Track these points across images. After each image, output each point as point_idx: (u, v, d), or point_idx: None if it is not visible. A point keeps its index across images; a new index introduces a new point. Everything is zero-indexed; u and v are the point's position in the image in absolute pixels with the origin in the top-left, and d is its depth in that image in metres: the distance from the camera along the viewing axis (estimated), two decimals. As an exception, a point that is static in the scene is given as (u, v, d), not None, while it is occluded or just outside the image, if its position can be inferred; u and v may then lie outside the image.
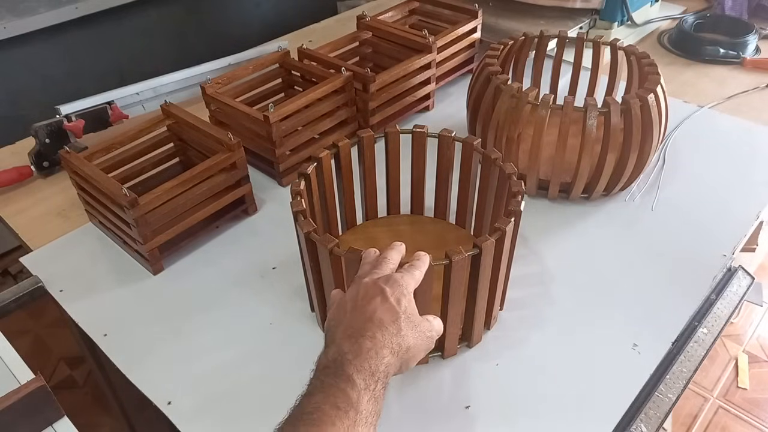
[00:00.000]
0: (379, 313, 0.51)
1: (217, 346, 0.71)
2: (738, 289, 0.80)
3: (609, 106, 0.80)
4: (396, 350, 0.50)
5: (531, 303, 0.75)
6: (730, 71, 1.22)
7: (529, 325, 0.72)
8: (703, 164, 0.96)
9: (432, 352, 0.68)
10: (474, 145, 0.73)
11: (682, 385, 0.68)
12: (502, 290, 0.71)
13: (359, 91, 0.99)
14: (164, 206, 0.77)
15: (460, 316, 0.65)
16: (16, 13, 1.58)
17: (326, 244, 0.60)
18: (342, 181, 0.77)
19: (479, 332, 0.69)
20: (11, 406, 0.57)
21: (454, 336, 0.67)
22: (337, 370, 0.47)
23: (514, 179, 0.66)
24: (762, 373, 1.64)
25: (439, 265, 0.58)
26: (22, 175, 0.98)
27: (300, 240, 0.65)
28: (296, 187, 0.67)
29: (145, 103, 1.09)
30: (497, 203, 0.72)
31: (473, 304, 0.64)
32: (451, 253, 0.58)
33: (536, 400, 0.64)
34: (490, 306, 0.68)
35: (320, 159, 0.72)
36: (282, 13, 2.22)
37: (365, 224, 0.85)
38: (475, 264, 0.60)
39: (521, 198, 0.64)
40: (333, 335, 0.51)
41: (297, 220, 0.64)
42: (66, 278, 0.81)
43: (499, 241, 0.61)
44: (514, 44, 0.98)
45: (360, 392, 0.46)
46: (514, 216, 0.62)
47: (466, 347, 0.70)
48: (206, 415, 0.64)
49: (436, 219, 0.85)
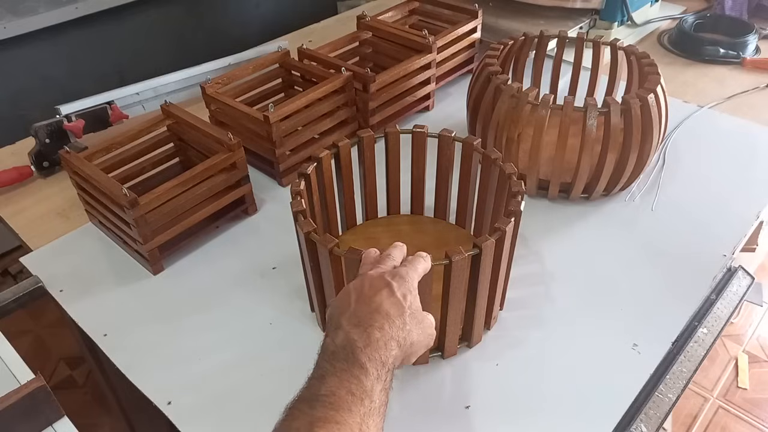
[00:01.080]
0: (386, 305, 0.51)
1: (217, 346, 0.71)
2: (738, 289, 0.80)
3: (609, 106, 0.80)
4: (402, 344, 0.50)
5: (531, 303, 0.75)
6: (730, 71, 1.22)
7: (529, 325, 0.72)
8: (703, 164, 0.96)
9: (432, 351, 0.68)
10: (474, 145, 0.73)
11: (682, 385, 0.68)
12: (503, 290, 0.71)
13: (359, 91, 0.99)
14: (164, 206, 0.77)
15: (460, 316, 0.65)
16: (16, 13, 1.58)
17: (326, 244, 0.60)
18: (342, 181, 0.77)
19: (479, 332, 0.69)
20: (11, 406, 0.57)
21: (454, 336, 0.67)
22: (348, 357, 0.47)
23: (514, 179, 0.66)
24: (762, 373, 1.64)
25: (439, 265, 0.58)
26: (22, 175, 0.98)
27: (300, 240, 0.65)
28: (296, 187, 0.67)
29: (145, 103, 1.09)
30: (497, 203, 0.72)
31: (473, 304, 0.64)
32: (451, 253, 0.58)
33: (536, 400, 0.64)
34: (490, 306, 0.68)
35: (320, 159, 0.72)
36: (282, 13, 2.22)
37: (365, 224, 0.85)
38: (475, 264, 0.60)
39: (521, 198, 0.64)
40: (338, 321, 0.51)
41: (297, 220, 0.64)
42: (66, 278, 0.81)
43: (499, 241, 0.61)
44: (514, 44, 0.98)
45: (373, 381, 0.46)
46: (514, 216, 0.62)
47: (466, 347, 0.70)
48: (206, 415, 0.64)
49: (436, 219, 0.85)
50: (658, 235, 0.84)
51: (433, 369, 0.68)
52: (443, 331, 0.65)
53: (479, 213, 0.79)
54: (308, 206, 0.68)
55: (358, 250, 0.59)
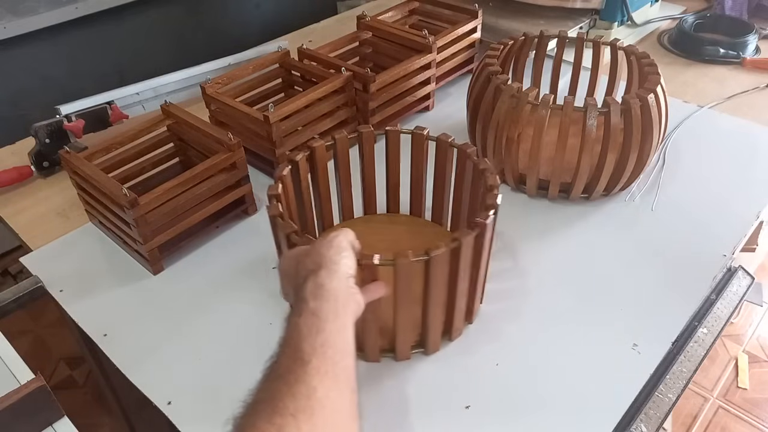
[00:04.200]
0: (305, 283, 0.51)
1: (217, 346, 0.71)
2: (738, 289, 0.80)
3: (609, 106, 0.80)
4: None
5: (531, 302, 0.75)
6: (730, 71, 1.22)
7: (529, 325, 0.72)
8: (703, 164, 0.96)
9: (414, 347, 0.68)
10: (449, 141, 0.74)
11: (682, 385, 0.68)
12: (482, 284, 0.71)
13: (359, 91, 0.99)
14: (164, 206, 0.77)
15: (441, 311, 0.65)
16: (16, 13, 1.58)
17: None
18: (318, 184, 0.77)
19: (460, 325, 0.70)
20: (11, 406, 0.57)
21: (437, 331, 0.67)
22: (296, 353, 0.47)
23: (489, 174, 0.67)
24: (762, 373, 1.64)
25: (419, 261, 0.58)
26: (22, 175, 0.98)
27: (280, 242, 0.65)
28: (273, 191, 0.67)
29: (145, 103, 1.09)
30: (473, 199, 0.72)
31: (454, 298, 0.65)
32: (430, 249, 0.58)
33: (536, 400, 0.64)
34: (471, 300, 0.68)
35: (297, 162, 0.72)
36: (282, 13, 2.22)
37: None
38: (455, 258, 0.60)
39: (497, 191, 0.64)
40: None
41: (275, 223, 0.64)
42: (66, 278, 0.81)
43: (478, 236, 0.61)
44: (514, 44, 0.98)
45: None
46: (493, 209, 0.62)
47: (447, 340, 0.70)
48: (206, 415, 0.64)
49: (412, 217, 0.85)
50: (658, 235, 0.84)
51: (416, 364, 0.68)
52: (425, 327, 0.65)
53: (455, 209, 0.79)
54: (286, 209, 0.68)
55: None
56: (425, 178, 0.80)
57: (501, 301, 0.75)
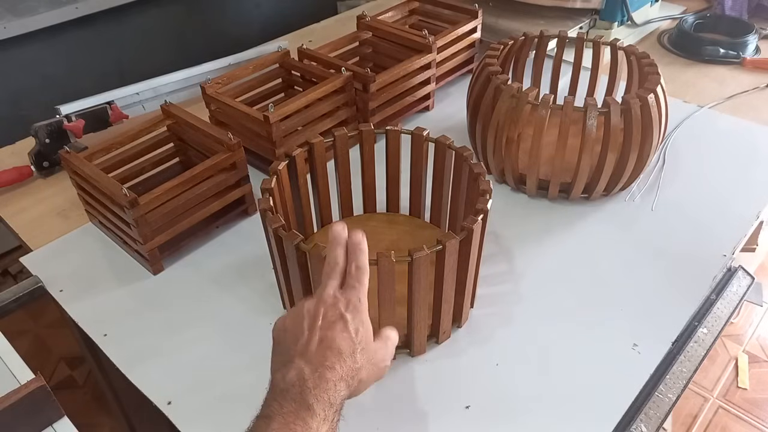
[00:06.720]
0: (339, 341, 0.50)
1: (217, 346, 0.71)
2: (738, 289, 0.80)
3: (609, 106, 0.80)
4: (351, 383, 0.50)
5: (531, 302, 0.75)
6: (730, 71, 1.22)
7: (529, 325, 0.72)
8: (703, 164, 0.96)
9: (400, 348, 0.68)
10: (447, 144, 0.73)
11: (682, 385, 0.68)
12: (473, 288, 0.71)
13: (359, 91, 0.99)
14: (164, 206, 0.77)
15: (427, 313, 0.65)
16: (16, 13, 1.58)
17: (292, 240, 0.60)
18: (317, 181, 0.78)
19: (447, 328, 0.70)
20: (11, 406, 0.57)
21: (422, 333, 0.67)
22: (297, 397, 0.46)
23: (482, 178, 0.67)
24: (762, 373, 1.64)
25: (402, 261, 0.58)
26: (22, 175, 0.98)
27: (269, 237, 0.65)
28: (266, 185, 0.67)
29: (145, 103, 1.09)
30: (468, 202, 0.72)
31: (440, 301, 0.65)
32: (413, 251, 0.58)
33: (536, 399, 0.64)
34: (459, 304, 0.68)
35: (294, 158, 0.72)
36: (282, 13, 2.22)
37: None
38: (440, 261, 0.60)
39: (489, 196, 0.64)
40: (290, 353, 0.50)
41: (264, 217, 0.63)
42: (66, 278, 0.81)
43: (465, 240, 0.61)
44: (514, 44, 0.98)
45: (320, 423, 0.45)
46: (482, 214, 0.62)
47: (434, 343, 0.70)
48: (206, 415, 0.64)
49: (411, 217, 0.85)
50: (658, 235, 0.84)
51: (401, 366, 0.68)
52: (410, 328, 0.65)
53: (453, 211, 0.79)
54: (281, 204, 0.67)
55: (323, 246, 0.58)
56: (425, 179, 0.80)
57: (497, 304, 0.75)
